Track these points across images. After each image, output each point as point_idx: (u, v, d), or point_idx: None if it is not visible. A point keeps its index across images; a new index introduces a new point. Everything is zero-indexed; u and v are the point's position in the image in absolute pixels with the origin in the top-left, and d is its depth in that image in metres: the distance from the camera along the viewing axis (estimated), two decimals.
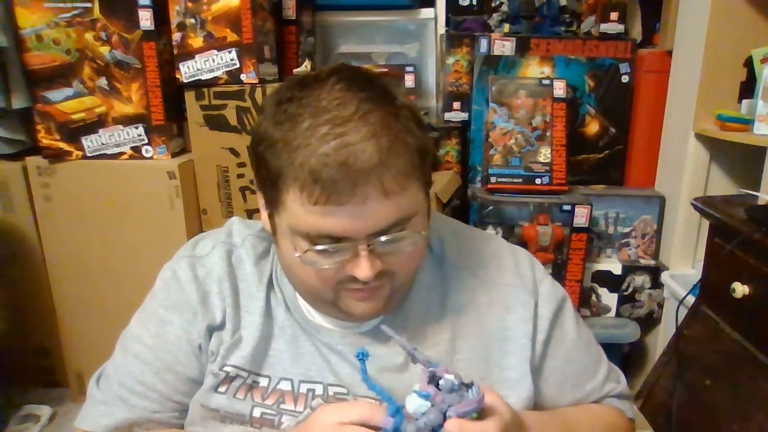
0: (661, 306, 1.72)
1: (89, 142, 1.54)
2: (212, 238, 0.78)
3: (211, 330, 0.72)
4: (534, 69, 1.76)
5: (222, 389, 0.70)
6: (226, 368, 0.70)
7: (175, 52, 1.48)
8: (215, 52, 1.47)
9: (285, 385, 0.70)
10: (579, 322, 0.80)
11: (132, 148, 1.55)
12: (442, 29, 1.86)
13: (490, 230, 1.59)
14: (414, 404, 0.57)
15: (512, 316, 0.74)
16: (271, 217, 0.67)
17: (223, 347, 0.71)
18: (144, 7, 1.45)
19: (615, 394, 0.81)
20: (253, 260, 0.74)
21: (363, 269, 0.61)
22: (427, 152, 0.65)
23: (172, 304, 0.73)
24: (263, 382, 0.71)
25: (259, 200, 0.69)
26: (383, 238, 0.61)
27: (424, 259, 0.73)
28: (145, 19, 1.46)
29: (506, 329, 0.74)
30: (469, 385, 0.58)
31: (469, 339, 0.73)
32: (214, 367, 0.71)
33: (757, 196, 1.21)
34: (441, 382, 0.58)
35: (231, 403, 0.70)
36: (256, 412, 0.70)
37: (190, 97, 1.50)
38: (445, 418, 0.56)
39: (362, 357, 0.61)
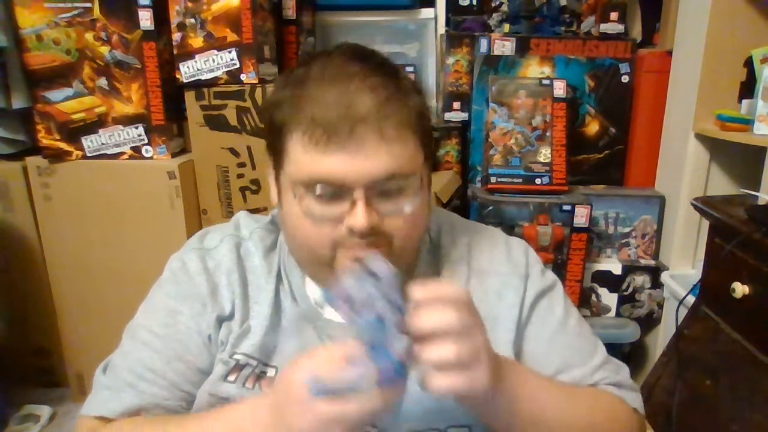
0: (661, 306, 1.72)
1: (89, 142, 1.54)
2: (220, 232, 0.78)
3: (221, 321, 0.72)
4: (534, 69, 1.76)
5: (231, 378, 0.70)
6: (236, 356, 0.70)
7: (175, 52, 1.48)
8: (215, 52, 1.47)
9: None
10: (570, 310, 0.80)
11: (132, 148, 1.55)
12: (442, 29, 1.86)
13: None
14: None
15: (502, 302, 0.75)
16: (277, 180, 0.70)
17: (232, 336, 0.71)
18: (144, 7, 1.45)
19: (611, 382, 0.78)
20: (262, 253, 0.75)
21: (358, 217, 0.62)
22: (426, 116, 0.69)
23: (182, 295, 0.73)
24: (270, 372, 0.71)
25: (269, 174, 0.72)
26: (379, 187, 0.63)
27: (423, 232, 0.74)
28: (145, 19, 1.46)
29: (496, 317, 0.74)
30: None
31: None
32: (224, 355, 0.71)
33: (757, 196, 1.21)
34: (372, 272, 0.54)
35: (240, 392, 0.69)
36: None
37: (190, 97, 1.50)
38: (401, 312, 0.53)
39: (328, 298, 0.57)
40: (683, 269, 1.63)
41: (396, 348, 0.52)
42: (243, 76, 1.48)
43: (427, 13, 1.86)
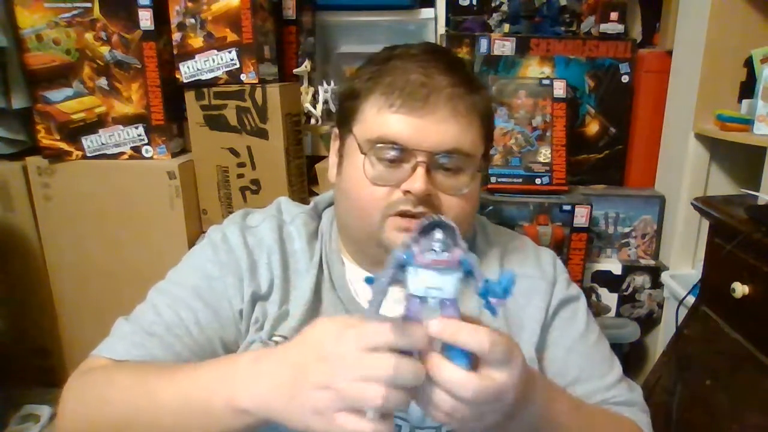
0: (661, 306, 1.72)
1: (89, 142, 1.54)
2: (262, 213, 0.80)
3: (256, 298, 0.72)
4: (534, 69, 1.76)
5: None
6: (276, 338, 0.70)
7: (175, 52, 1.48)
8: (215, 52, 1.47)
9: None
10: (591, 324, 0.81)
11: (132, 148, 1.54)
12: (442, 29, 1.86)
13: None
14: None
15: (530, 305, 0.76)
16: (340, 149, 0.73)
17: (270, 317, 0.71)
18: (144, 7, 1.45)
19: (623, 400, 0.78)
20: (305, 238, 0.76)
21: (417, 180, 0.64)
22: (491, 115, 0.73)
23: (220, 263, 0.73)
24: None
25: (331, 147, 0.76)
26: (442, 158, 0.66)
27: (470, 219, 0.76)
28: (145, 19, 1.46)
29: (523, 318, 0.76)
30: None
31: (492, 325, 0.73)
32: (263, 334, 0.70)
33: (757, 196, 1.21)
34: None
35: None
36: None
37: (190, 97, 1.50)
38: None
39: (370, 281, 0.50)
40: (683, 269, 1.63)
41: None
42: (243, 76, 1.48)
43: (427, 13, 1.86)
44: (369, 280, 0.49)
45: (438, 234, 0.49)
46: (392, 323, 0.48)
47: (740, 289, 1.05)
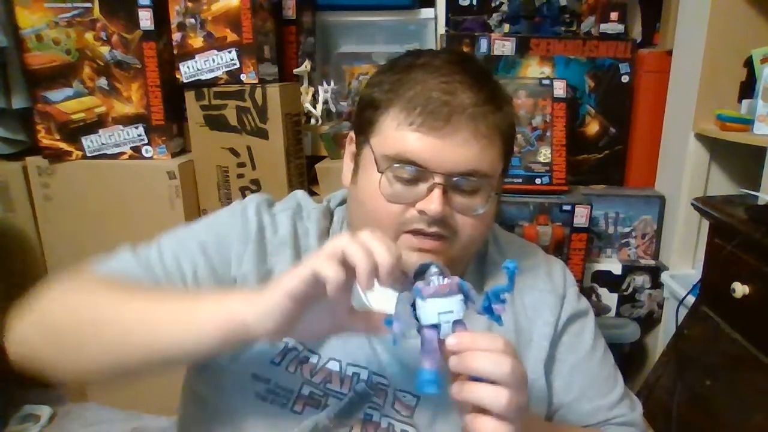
0: (661, 306, 1.72)
1: (89, 142, 1.54)
2: (280, 203, 0.79)
3: (257, 276, 0.71)
4: (534, 69, 1.76)
5: (277, 360, 0.70)
6: (285, 339, 0.70)
7: (175, 52, 1.48)
8: (215, 52, 1.47)
9: (333, 365, 0.70)
10: (598, 340, 0.81)
11: (132, 148, 1.55)
12: (442, 29, 1.86)
13: None
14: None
15: (540, 319, 0.76)
16: (357, 156, 0.71)
17: None
18: (144, 7, 1.45)
19: (625, 422, 0.78)
20: (317, 236, 0.75)
21: (434, 202, 0.63)
22: (514, 131, 0.71)
23: (234, 229, 0.73)
24: (313, 358, 0.71)
25: (347, 152, 0.74)
26: (460, 180, 0.64)
27: (484, 238, 0.75)
28: (145, 19, 1.46)
29: (532, 332, 0.75)
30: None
31: (504, 336, 0.73)
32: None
33: (757, 196, 1.21)
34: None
35: (283, 376, 0.69)
36: (305, 390, 0.69)
37: (190, 97, 1.50)
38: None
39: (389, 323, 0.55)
40: (683, 269, 1.63)
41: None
42: (243, 76, 1.48)
43: (427, 13, 1.86)
44: (388, 322, 0.54)
45: (434, 268, 0.55)
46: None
47: (740, 289, 1.05)
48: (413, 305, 0.54)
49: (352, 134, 0.75)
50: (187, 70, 1.48)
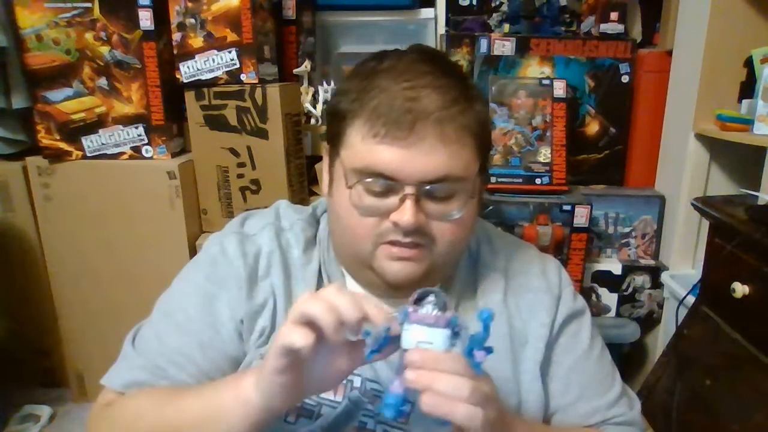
0: (661, 306, 1.72)
1: (89, 142, 1.54)
2: (260, 218, 0.78)
3: (259, 309, 0.71)
4: (534, 69, 1.76)
5: None
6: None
7: (175, 52, 1.48)
8: (215, 52, 1.47)
9: None
10: (595, 338, 0.80)
11: (132, 148, 1.54)
12: (442, 29, 1.86)
13: None
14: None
15: (535, 320, 0.75)
16: (330, 168, 0.70)
17: (277, 327, 0.70)
18: (144, 7, 1.45)
19: (624, 421, 0.78)
20: (302, 246, 0.74)
21: (406, 213, 0.62)
22: (487, 126, 0.69)
23: (219, 278, 0.72)
24: None
25: (323, 162, 0.72)
26: (431, 188, 0.62)
27: (466, 243, 0.74)
28: (145, 19, 1.46)
29: (528, 333, 0.75)
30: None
31: (498, 339, 0.72)
32: (266, 350, 0.69)
33: (757, 196, 1.21)
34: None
35: None
36: None
37: (190, 97, 1.50)
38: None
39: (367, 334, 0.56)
40: (683, 269, 1.63)
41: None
42: (243, 76, 1.48)
43: (427, 13, 1.86)
44: (366, 334, 0.54)
45: (431, 297, 0.55)
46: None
47: (740, 289, 1.06)
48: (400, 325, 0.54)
49: (326, 145, 0.73)
50: (187, 70, 1.48)
